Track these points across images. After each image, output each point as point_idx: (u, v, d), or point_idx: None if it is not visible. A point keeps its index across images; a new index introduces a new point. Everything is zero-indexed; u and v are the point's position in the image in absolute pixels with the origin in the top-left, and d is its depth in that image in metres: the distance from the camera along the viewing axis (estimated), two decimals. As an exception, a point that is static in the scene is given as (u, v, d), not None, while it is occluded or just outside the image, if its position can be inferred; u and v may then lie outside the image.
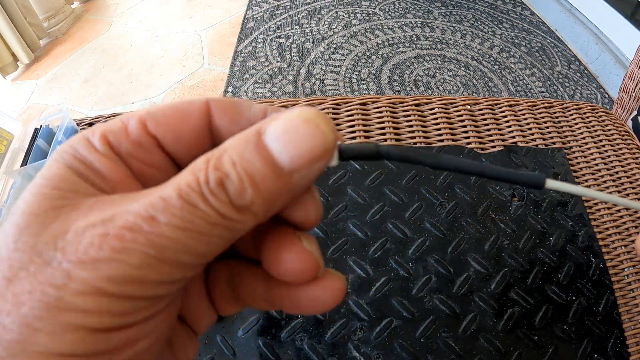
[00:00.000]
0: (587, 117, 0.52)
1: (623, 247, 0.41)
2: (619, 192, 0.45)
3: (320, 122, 0.12)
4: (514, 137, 0.49)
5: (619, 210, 0.44)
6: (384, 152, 0.14)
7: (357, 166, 0.45)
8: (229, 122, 0.14)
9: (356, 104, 0.50)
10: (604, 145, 0.49)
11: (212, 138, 0.14)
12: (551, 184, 0.14)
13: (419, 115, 0.50)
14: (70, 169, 0.12)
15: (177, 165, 0.15)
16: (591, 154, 0.48)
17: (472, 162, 0.14)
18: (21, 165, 0.45)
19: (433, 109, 0.51)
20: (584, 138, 0.49)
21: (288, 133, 0.12)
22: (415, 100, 0.51)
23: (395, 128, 0.49)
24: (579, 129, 0.50)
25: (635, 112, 0.65)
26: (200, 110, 0.14)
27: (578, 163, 0.47)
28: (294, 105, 0.50)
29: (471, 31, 1.80)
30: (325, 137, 0.12)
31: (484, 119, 0.50)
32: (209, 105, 0.14)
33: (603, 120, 0.51)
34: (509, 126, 0.50)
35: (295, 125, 0.12)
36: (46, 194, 0.12)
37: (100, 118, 0.52)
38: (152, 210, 0.11)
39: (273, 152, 0.12)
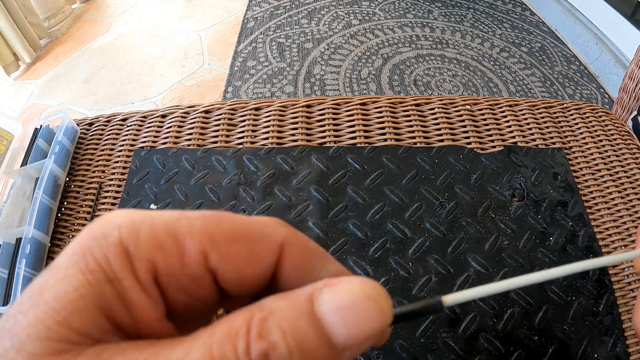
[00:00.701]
0: (587, 117, 0.52)
1: (623, 247, 0.41)
2: (618, 192, 0.45)
3: (382, 301, 0.11)
4: (514, 137, 0.49)
5: (619, 210, 0.44)
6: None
7: (357, 166, 0.45)
8: (295, 276, 0.12)
9: (356, 104, 0.50)
10: (604, 145, 0.49)
11: (271, 278, 0.12)
12: (449, 300, 0.13)
13: (419, 115, 0.50)
14: (99, 308, 0.10)
15: (223, 291, 0.12)
16: (591, 154, 0.48)
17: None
18: (21, 165, 0.45)
19: (433, 109, 0.51)
20: (584, 138, 0.49)
21: (348, 309, 0.10)
22: (415, 100, 0.51)
23: (395, 128, 0.49)
24: (579, 129, 0.50)
25: (635, 112, 0.64)
26: (271, 255, 0.12)
27: (578, 163, 0.47)
28: (293, 105, 0.51)
29: (471, 31, 1.80)
30: (386, 317, 0.11)
31: (484, 119, 0.50)
32: (284, 250, 0.12)
33: (603, 120, 0.51)
34: (509, 126, 0.50)
35: (356, 300, 0.11)
36: (54, 333, 0.09)
37: (100, 118, 0.52)
38: None
39: (329, 326, 0.10)
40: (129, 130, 0.50)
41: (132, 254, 0.10)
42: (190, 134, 0.49)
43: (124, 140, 0.49)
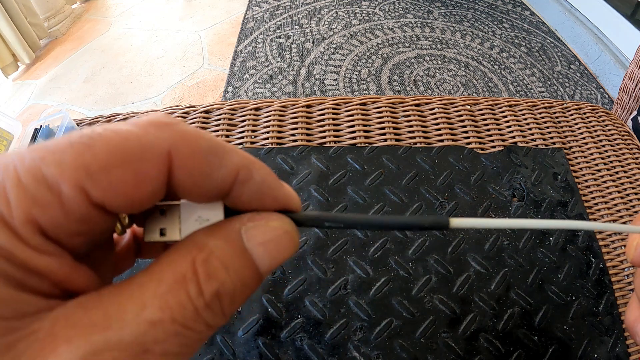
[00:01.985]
0: (587, 117, 0.52)
1: (623, 247, 0.41)
2: (618, 192, 0.45)
3: (294, 234, 0.13)
4: (514, 137, 0.49)
5: (619, 211, 0.44)
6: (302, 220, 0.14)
7: (357, 166, 0.45)
8: (192, 183, 0.11)
9: (356, 104, 0.50)
10: (604, 145, 0.49)
11: (167, 189, 0.12)
12: (456, 222, 0.14)
13: (419, 116, 0.50)
14: (12, 287, 0.09)
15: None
16: (591, 154, 0.48)
17: (377, 217, 0.15)
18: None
19: (433, 109, 0.51)
20: (584, 138, 0.49)
21: (271, 243, 0.12)
22: (415, 100, 0.51)
23: (395, 128, 0.49)
24: (579, 129, 0.50)
25: (635, 112, 0.65)
26: (159, 169, 0.11)
27: (578, 163, 0.47)
28: (293, 105, 0.51)
29: (471, 31, 1.80)
30: (296, 247, 0.13)
31: (484, 119, 0.50)
32: (171, 159, 0.11)
33: (603, 120, 0.51)
34: (509, 126, 0.50)
35: (278, 235, 0.12)
36: None
37: (100, 118, 0.52)
38: (143, 343, 0.09)
39: (256, 259, 0.12)
40: (129, 130, 0.50)
41: (7, 220, 0.09)
42: (190, 134, 0.49)
43: (124, 140, 0.49)
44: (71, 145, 0.10)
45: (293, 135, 0.48)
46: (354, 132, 0.48)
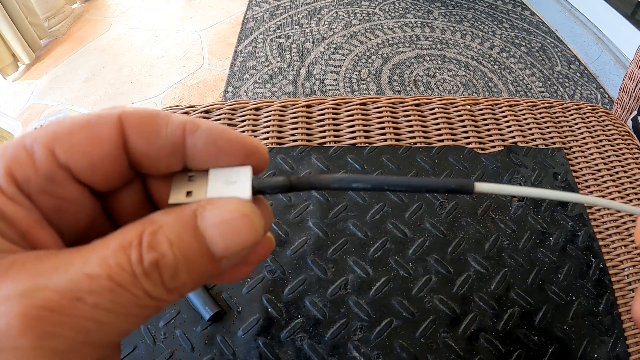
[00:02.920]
0: (587, 117, 0.52)
1: (623, 247, 0.41)
2: (619, 192, 0.45)
3: (254, 218, 0.12)
4: (514, 137, 0.49)
5: (619, 210, 0.44)
6: (295, 183, 0.14)
7: (357, 166, 0.45)
8: (145, 142, 0.13)
9: (356, 104, 0.50)
10: (604, 145, 0.49)
11: (127, 158, 0.13)
12: (480, 187, 0.14)
13: (419, 115, 0.50)
14: None
15: (93, 190, 0.13)
16: (591, 154, 0.48)
17: (394, 177, 0.14)
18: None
19: (433, 109, 0.51)
20: (584, 138, 0.49)
21: (226, 224, 0.12)
22: (415, 100, 0.51)
23: (395, 128, 0.49)
24: (579, 129, 0.50)
25: (635, 112, 0.65)
26: (112, 131, 0.12)
27: (578, 163, 0.47)
28: (293, 105, 0.51)
29: (471, 31, 1.80)
30: (257, 233, 0.13)
31: (484, 119, 0.50)
32: (122, 122, 0.13)
33: (603, 120, 0.51)
34: (509, 126, 0.50)
35: (233, 218, 0.12)
36: None
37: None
38: (77, 290, 0.10)
39: (208, 239, 0.12)
40: (129, 130, 0.50)
41: None
42: (190, 134, 0.49)
43: (124, 140, 0.49)
44: (49, 123, 0.12)
45: (293, 135, 0.48)
46: (354, 132, 0.48)
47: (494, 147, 0.48)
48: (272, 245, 0.16)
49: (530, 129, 0.49)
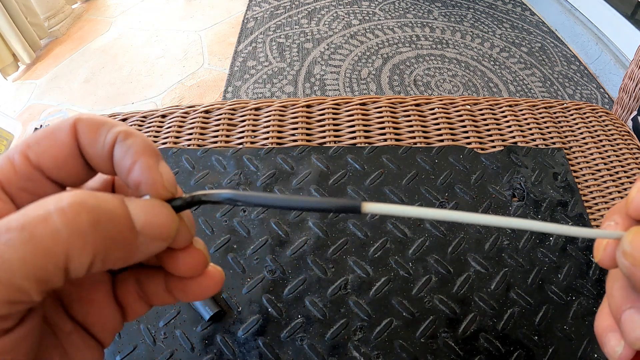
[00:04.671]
0: (587, 117, 0.52)
1: (623, 247, 0.41)
2: (619, 192, 0.45)
3: (168, 210, 0.15)
4: (514, 137, 0.49)
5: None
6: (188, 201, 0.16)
7: (357, 166, 0.45)
8: (89, 146, 0.15)
9: (356, 104, 0.50)
10: (604, 145, 0.49)
11: (83, 158, 0.16)
12: (369, 207, 0.14)
13: (419, 115, 0.50)
14: None
15: (63, 186, 0.16)
16: (591, 154, 0.48)
17: (291, 197, 0.15)
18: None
19: (433, 109, 0.51)
20: (584, 138, 0.49)
21: (148, 204, 0.14)
22: (415, 100, 0.51)
23: (395, 128, 0.49)
24: (579, 129, 0.50)
25: (635, 112, 0.65)
26: (68, 135, 0.15)
27: (578, 163, 0.47)
28: (293, 105, 0.51)
29: (471, 31, 1.80)
30: (173, 224, 0.15)
31: (484, 119, 0.50)
32: (76, 128, 0.15)
33: (603, 120, 0.51)
34: (509, 126, 0.50)
35: (150, 202, 0.15)
36: None
37: (100, 118, 0.52)
38: None
39: (131, 210, 0.14)
40: (129, 130, 0.50)
41: None
42: (190, 134, 0.49)
43: (124, 140, 0.49)
44: (25, 136, 0.16)
45: (293, 135, 0.48)
46: (354, 132, 0.48)
47: (494, 147, 0.48)
48: (221, 277, 0.17)
49: (530, 129, 0.49)
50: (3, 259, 0.11)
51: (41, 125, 0.49)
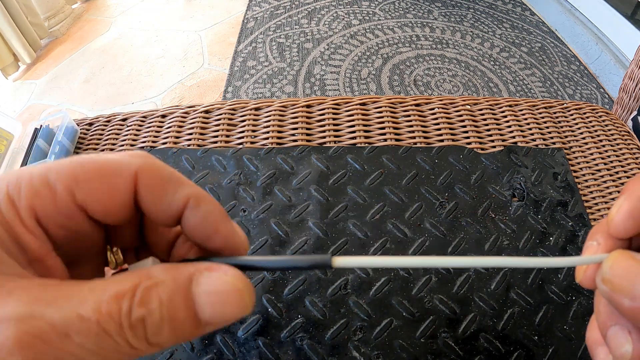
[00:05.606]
0: (587, 117, 0.52)
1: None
2: (618, 192, 0.45)
3: (246, 294, 0.13)
4: (514, 137, 0.49)
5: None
6: None
7: (357, 166, 0.45)
8: (151, 201, 0.14)
9: (356, 104, 0.50)
10: (604, 145, 0.49)
11: (135, 205, 0.15)
12: (339, 262, 0.14)
13: (419, 115, 0.50)
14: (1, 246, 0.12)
15: (102, 226, 0.15)
16: (591, 154, 0.48)
17: (265, 258, 0.15)
18: (21, 165, 0.45)
19: (433, 109, 0.51)
20: (584, 138, 0.49)
21: (218, 295, 0.13)
22: (415, 100, 0.51)
23: (395, 128, 0.49)
24: (579, 129, 0.50)
25: (635, 112, 0.64)
26: (127, 185, 0.14)
27: (578, 163, 0.47)
28: (293, 105, 0.51)
29: (471, 31, 1.80)
30: (245, 309, 0.13)
31: (484, 119, 0.50)
32: (137, 178, 0.14)
33: (603, 120, 0.51)
34: (509, 126, 0.50)
35: (226, 290, 0.13)
36: None
37: (100, 118, 0.52)
38: (67, 327, 0.11)
39: (198, 305, 0.13)
40: (129, 130, 0.50)
41: (16, 203, 0.13)
42: (190, 134, 0.49)
43: (124, 140, 0.49)
44: (70, 162, 0.14)
45: (293, 135, 0.48)
46: (354, 132, 0.48)
47: (494, 147, 0.48)
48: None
49: (530, 129, 0.49)
50: (78, 359, 0.11)
51: (41, 126, 0.49)
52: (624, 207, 0.16)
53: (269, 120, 0.49)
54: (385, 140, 0.48)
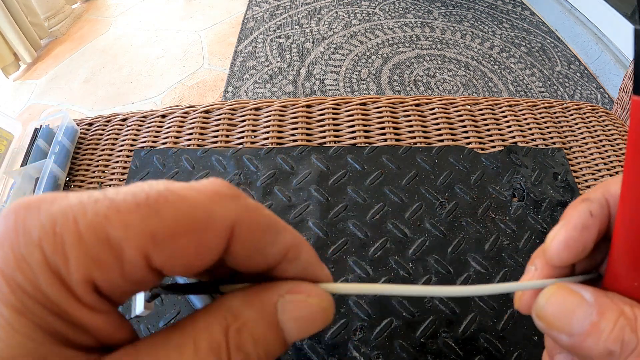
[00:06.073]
0: (587, 117, 0.52)
1: (623, 247, 0.41)
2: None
3: (330, 311, 0.13)
4: (514, 137, 0.49)
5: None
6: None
7: (357, 166, 0.45)
8: (246, 255, 0.12)
9: (356, 104, 0.50)
10: (604, 145, 0.49)
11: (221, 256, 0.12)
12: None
13: (419, 115, 0.50)
14: (43, 330, 0.09)
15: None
16: (591, 154, 0.48)
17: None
18: (21, 165, 0.45)
19: (433, 109, 0.51)
20: (584, 138, 0.49)
21: (305, 319, 0.13)
22: (415, 100, 0.51)
23: (395, 128, 0.49)
24: (579, 129, 0.50)
25: (635, 112, 0.64)
26: (221, 242, 0.11)
27: (578, 163, 0.47)
28: (293, 105, 0.50)
29: (471, 31, 1.80)
30: (329, 321, 0.13)
31: (484, 119, 0.50)
32: (234, 231, 0.11)
33: (603, 120, 0.51)
34: (509, 126, 0.50)
35: (314, 312, 0.13)
36: None
37: (100, 118, 0.52)
38: None
39: (286, 331, 0.12)
40: (129, 130, 0.50)
41: (64, 278, 0.09)
42: (190, 134, 0.49)
43: (124, 140, 0.49)
44: (138, 206, 0.10)
45: (293, 135, 0.48)
46: (354, 132, 0.48)
47: (494, 147, 0.48)
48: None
49: (530, 129, 0.49)
50: None
51: (41, 126, 0.49)
52: (559, 236, 0.16)
53: (269, 120, 0.49)
54: (385, 140, 0.48)
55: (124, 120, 0.51)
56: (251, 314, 0.12)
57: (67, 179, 0.47)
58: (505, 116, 0.51)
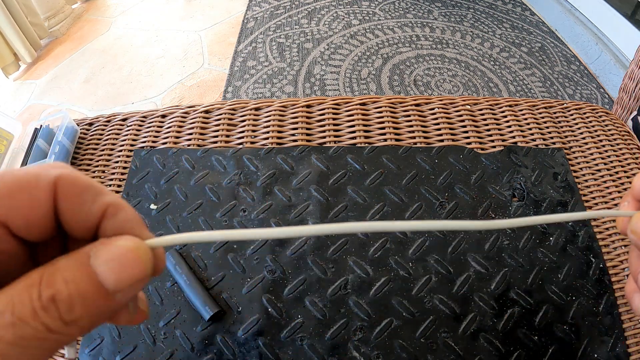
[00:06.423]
0: (587, 117, 0.52)
1: (623, 247, 0.41)
2: (618, 192, 0.45)
3: (141, 252, 0.14)
4: (514, 137, 0.49)
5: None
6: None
7: (357, 166, 0.45)
8: (70, 211, 0.14)
9: (356, 104, 0.50)
10: (604, 145, 0.49)
11: (57, 218, 0.15)
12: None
13: (419, 115, 0.50)
14: None
15: (28, 245, 0.15)
16: (591, 154, 0.48)
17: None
18: (21, 165, 0.45)
19: (433, 109, 0.51)
20: (584, 138, 0.49)
21: (115, 260, 0.13)
22: (415, 100, 0.51)
23: (395, 128, 0.49)
24: (579, 129, 0.50)
25: (635, 112, 0.64)
26: (47, 195, 0.14)
27: (578, 163, 0.47)
28: (293, 105, 0.51)
29: (471, 31, 1.80)
30: (145, 266, 0.14)
31: (484, 119, 0.50)
32: (57, 188, 0.14)
33: (603, 120, 0.51)
34: (509, 126, 0.50)
35: (122, 254, 0.14)
36: None
37: (100, 118, 0.52)
38: None
39: (100, 275, 0.13)
40: (129, 130, 0.50)
41: None
42: (190, 134, 0.49)
43: (124, 140, 0.49)
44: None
45: (293, 135, 0.48)
46: (354, 132, 0.48)
47: (494, 147, 0.48)
48: (145, 316, 0.17)
49: (530, 129, 0.49)
50: (3, 356, 0.11)
51: (41, 126, 0.49)
52: None
53: (269, 120, 0.49)
54: (385, 140, 0.48)
55: (124, 120, 0.51)
56: (66, 260, 0.13)
57: (67, 179, 0.47)
58: (505, 116, 0.51)
